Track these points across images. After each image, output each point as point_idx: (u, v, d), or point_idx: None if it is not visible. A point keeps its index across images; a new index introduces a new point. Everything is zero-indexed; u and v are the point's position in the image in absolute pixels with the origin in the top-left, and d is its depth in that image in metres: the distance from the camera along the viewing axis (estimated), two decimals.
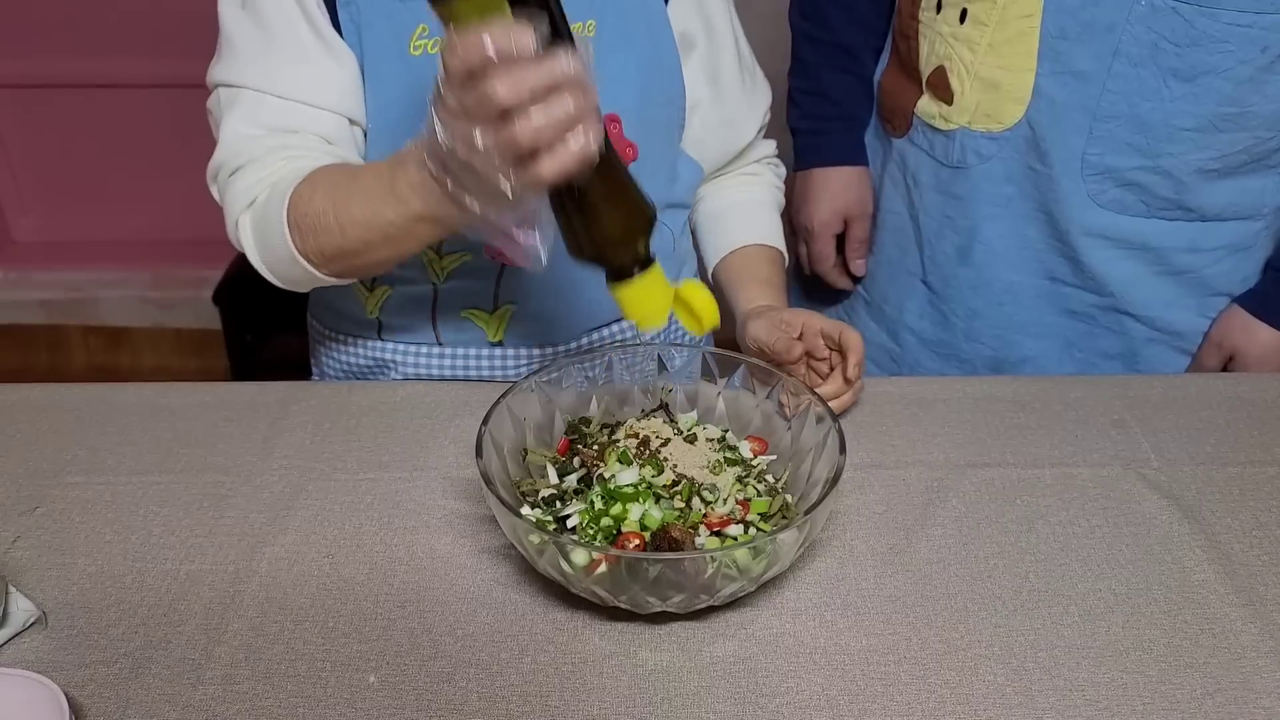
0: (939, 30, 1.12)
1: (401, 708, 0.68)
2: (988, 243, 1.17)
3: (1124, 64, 1.02)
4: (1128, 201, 1.09)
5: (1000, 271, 1.18)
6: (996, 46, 1.08)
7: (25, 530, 0.83)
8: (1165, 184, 1.07)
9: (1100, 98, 1.04)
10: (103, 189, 2.70)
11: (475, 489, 0.86)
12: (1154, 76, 1.02)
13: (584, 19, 0.93)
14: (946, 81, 1.12)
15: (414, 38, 0.90)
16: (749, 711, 0.68)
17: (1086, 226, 1.11)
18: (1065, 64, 1.05)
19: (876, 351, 1.31)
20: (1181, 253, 1.12)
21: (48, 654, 0.72)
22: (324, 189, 0.82)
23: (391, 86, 0.91)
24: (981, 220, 1.16)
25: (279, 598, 0.77)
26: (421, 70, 0.90)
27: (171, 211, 2.70)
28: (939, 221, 1.19)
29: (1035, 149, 1.10)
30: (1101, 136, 1.06)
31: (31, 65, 2.53)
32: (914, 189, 1.21)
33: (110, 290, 2.70)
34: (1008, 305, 1.19)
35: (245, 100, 0.89)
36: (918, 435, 0.95)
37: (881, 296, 1.30)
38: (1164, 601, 0.77)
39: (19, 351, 2.73)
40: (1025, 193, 1.13)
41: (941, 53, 1.12)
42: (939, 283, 1.22)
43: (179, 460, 0.91)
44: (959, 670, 0.71)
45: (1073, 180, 1.09)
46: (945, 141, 1.15)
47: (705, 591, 0.70)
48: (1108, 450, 0.93)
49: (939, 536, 0.83)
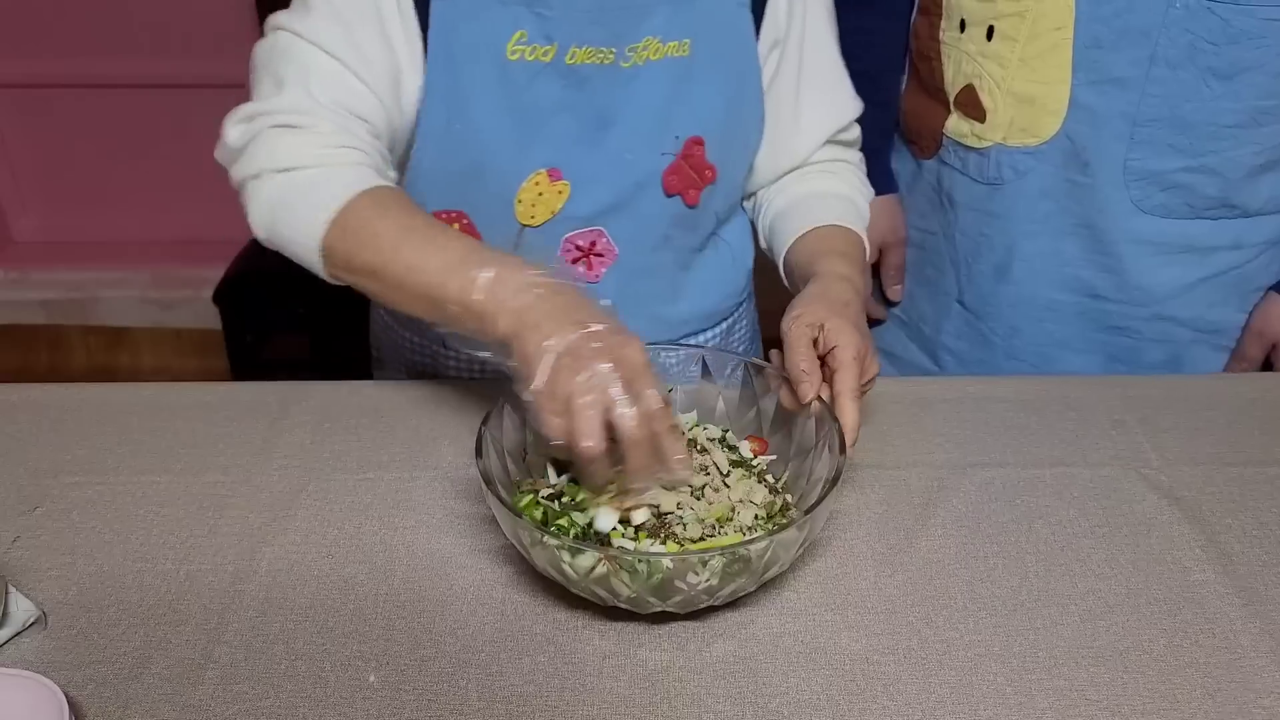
0: (964, 49, 1.11)
1: (401, 708, 0.68)
2: (1027, 259, 1.16)
3: (1162, 67, 1.02)
4: (1172, 205, 1.09)
5: (1040, 288, 1.17)
6: (1028, 60, 1.07)
7: (25, 530, 0.83)
8: (1211, 183, 1.07)
9: (1140, 102, 1.04)
10: (103, 189, 2.70)
11: (475, 489, 0.86)
12: (1193, 77, 1.02)
13: (680, 38, 0.92)
14: (977, 99, 1.11)
15: (512, 42, 0.88)
16: (749, 711, 0.68)
17: (1130, 234, 1.10)
18: (1102, 72, 1.04)
19: (915, 373, 1.30)
20: (1226, 251, 1.11)
21: (48, 654, 0.72)
22: (394, 218, 0.81)
23: (481, 87, 0.89)
24: (1019, 237, 1.15)
25: (279, 598, 0.77)
26: (517, 76, 0.89)
27: (171, 211, 2.71)
28: (975, 240, 1.19)
29: (1075, 160, 1.09)
30: (1143, 141, 1.06)
31: (31, 65, 2.53)
32: (949, 209, 1.20)
33: (110, 290, 2.70)
34: (1048, 322, 1.18)
35: (304, 55, 0.85)
36: (918, 435, 0.95)
37: (919, 317, 1.30)
38: (1164, 601, 0.77)
39: (19, 351, 2.73)
40: (1064, 207, 1.12)
41: (969, 71, 1.12)
42: (976, 302, 1.22)
43: (179, 460, 0.91)
44: (959, 670, 0.71)
45: (1115, 188, 1.08)
46: (980, 159, 1.14)
47: (705, 592, 0.70)
48: (1108, 450, 0.93)
49: (939, 536, 0.83)
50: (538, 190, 0.94)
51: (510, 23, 0.88)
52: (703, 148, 0.96)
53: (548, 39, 0.89)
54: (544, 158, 0.93)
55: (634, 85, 0.92)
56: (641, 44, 0.91)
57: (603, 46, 0.90)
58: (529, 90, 0.90)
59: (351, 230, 0.80)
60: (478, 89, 0.89)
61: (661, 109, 0.93)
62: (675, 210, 0.99)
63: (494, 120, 0.91)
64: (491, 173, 0.93)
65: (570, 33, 0.89)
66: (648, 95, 0.93)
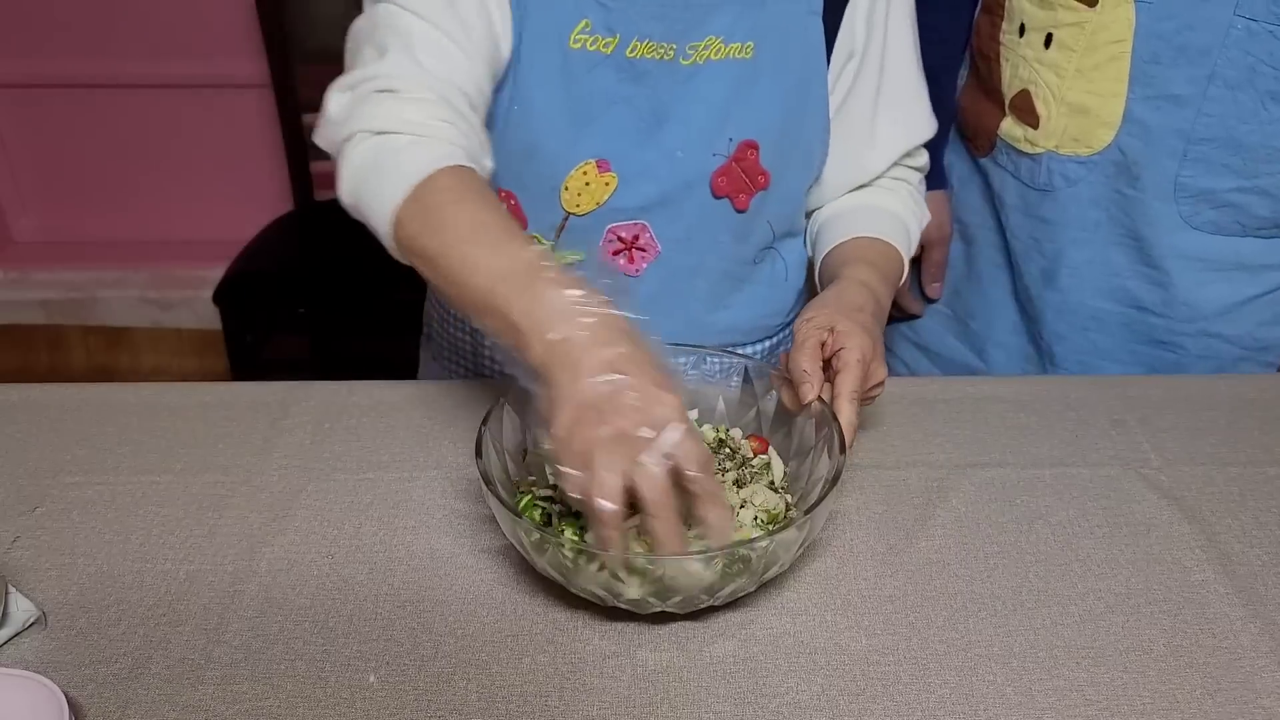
0: (1022, 54, 1.11)
1: (401, 708, 0.68)
2: (1074, 267, 1.15)
3: (1220, 87, 1.01)
4: (1223, 222, 1.08)
5: (1086, 297, 1.16)
6: (1085, 71, 1.06)
7: (25, 530, 0.83)
8: (1263, 203, 1.06)
9: (1195, 121, 1.03)
10: (102, 189, 2.70)
11: (475, 489, 0.86)
12: (1251, 99, 1.01)
13: (743, 40, 0.91)
14: (1032, 105, 1.11)
15: (576, 31, 0.88)
16: (749, 711, 0.68)
17: (1179, 249, 1.09)
18: (1158, 88, 1.03)
19: (960, 370, 1.29)
20: (1277, 270, 1.11)
21: (48, 654, 0.72)
22: (470, 208, 0.77)
23: (543, 73, 0.89)
24: (1067, 244, 1.14)
25: (279, 598, 0.77)
26: (577, 65, 0.89)
27: (171, 211, 2.71)
28: (1025, 244, 1.18)
29: (1126, 173, 1.08)
30: (1196, 159, 1.05)
31: (31, 65, 2.53)
32: (1001, 209, 1.19)
33: (110, 290, 2.70)
34: (1093, 331, 1.17)
35: (407, 23, 0.83)
36: (918, 435, 0.95)
37: (967, 313, 1.28)
38: (1164, 601, 0.77)
39: (19, 351, 2.73)
40: (1113, 217, 1.11)
41: (1025, 76, 1.11)
42: (1028, 303, 1.21)
43: (179, 460, 0.91)
44: (959, 670, 0.71)
45: (1165, 203, 1.07)
46: (1031, 165, 1.14)
47: (705, 591, 0.70)
48: (1108, 450, 0.93)
49: (939, 536, 0.83)
50: (585, 180, 0.94)
51: (576, 11, 0.88)
52: (757, 153, 0.95)
53: (610, 30, 0.89)
54: (594, 148, 0.93)
55: (692, 83, 0.92)
56: (703, 43, 0.91)
57: (664, 42, 0.90)
58: (587, 80, 0.90)
59: (425, 209, 0.77)
60: (538, 73, 0.89)
61: (717, 109, 0.93)
62: (724, 213, 0.97)
63: (550, 106, 0.91)
64: (542, 157, 0.93)
65: (633, 26, 0.89)
66: (705, 94, 0.92)
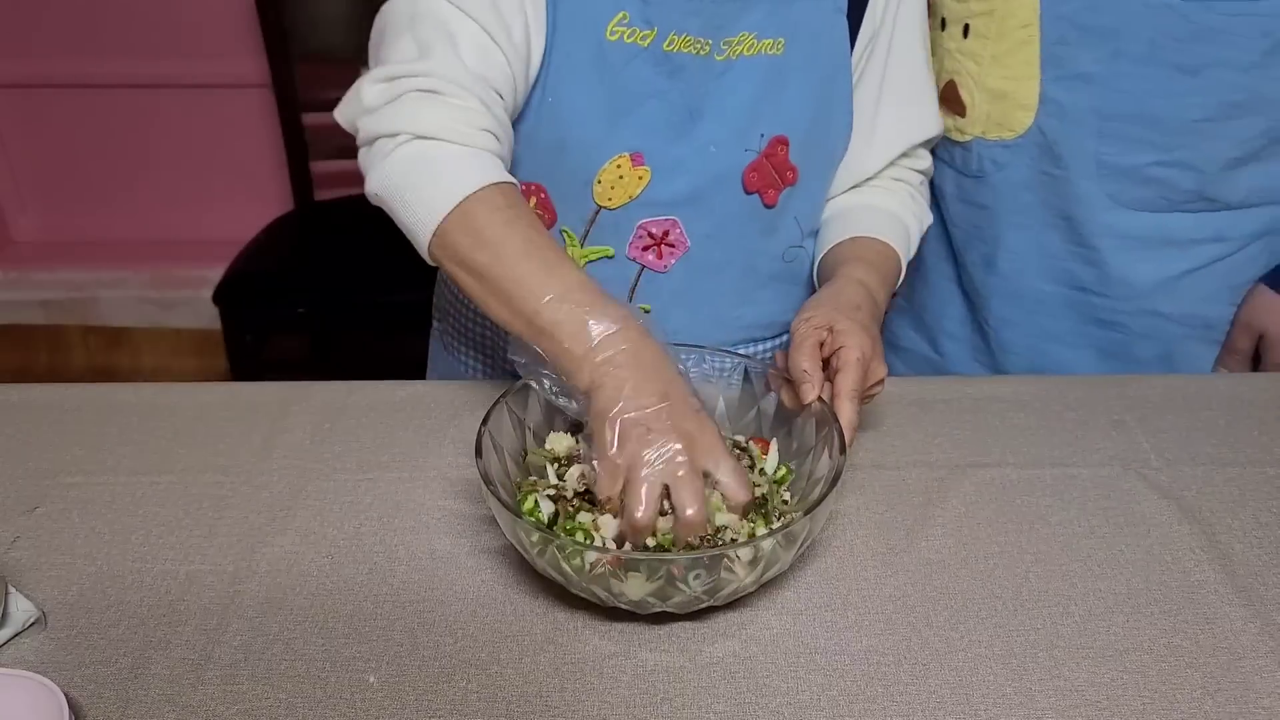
0: (946, 47, 1.13)
1: (401, 708, 0.68)
2: (1013, 251, 1.17)
3: (1127, 63, 1.03)
4: (1148, 198, 1.09)
5: (1028, 280, 1.17)
6: (999, 57, 1.09)
7: (25, 530, 0.83)
8: (1185, 177, 1.07)
9: (1107, 97, 1.05)
10: (103, 189, 2.70)
11: (475, 489, 0.86)
12: (1159, 73, 1.02)
13: (775, 36, 0.92)
14: (958, 95, 1.13)
15: (613, 23, 0.88)
16: (749, 711, 0.68)
17: (1108, 227, 1.11)
18: (1069, 68, 1.05)
19: (918, 362, 1.31)
20: (1208, 244, 1.11)
21: (48, 654, 0.72)
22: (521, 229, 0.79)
23: (578, 65, 0.89)
24: (1005, 229, 1.16)
25: (279, 598, 0.77)
26: (614, 57, 0.89)
27: (171, 211, 2.71)
28: (966, 231, 1.20)
29: (1049, 153, 1.10)
30: (1113, 135, 1.06)
31: (31, 65, 2.53)
32: (941, 200, 1.21)
33: (110, 290, 2.70)
34: (1039, 315, 1.19)
35: (449, 19, 0.83)
36: (918, 435, 0.95)
37: (920, 305, 1.30)
38: (1164, 601, 0.77)
39: (19, 351, 2.73)
40: (1044, 200, 1.13)
41: (950, 68, 1.14)
42: (972, 291, 1.22)
43: (179, 460, 0.91)
44: (959, 670, 0.71)
45: (1089, 181, 1.09)
46: (964, 153, 1.16)
47: (706, 592, 0.70)
48: (1108, 450, 0.93)
49: (939, 536, 0.83)
50: (618, 173, 0.94)
51: (614, 2, 0.88)
52: (786, 148, 0.95)
53: (648, 23, 0.89)
54: (629, 142, 0.93)
55: (726, 79, 0.92)
56: (737, 38, 0.91)
57: (700, 37, 0.90)
58: (623, 73, 0.90)
59: (473, 225, 0.79)
60: (573, 65, 0.89)
61: (750, 105, 0.94)
62: (753, 208, 0.98)
63: (585, 99, 0.90)
64: (575, 150, 0.93)
65: (671, 19, 0.89)
66: (738, 90, 0.93)
